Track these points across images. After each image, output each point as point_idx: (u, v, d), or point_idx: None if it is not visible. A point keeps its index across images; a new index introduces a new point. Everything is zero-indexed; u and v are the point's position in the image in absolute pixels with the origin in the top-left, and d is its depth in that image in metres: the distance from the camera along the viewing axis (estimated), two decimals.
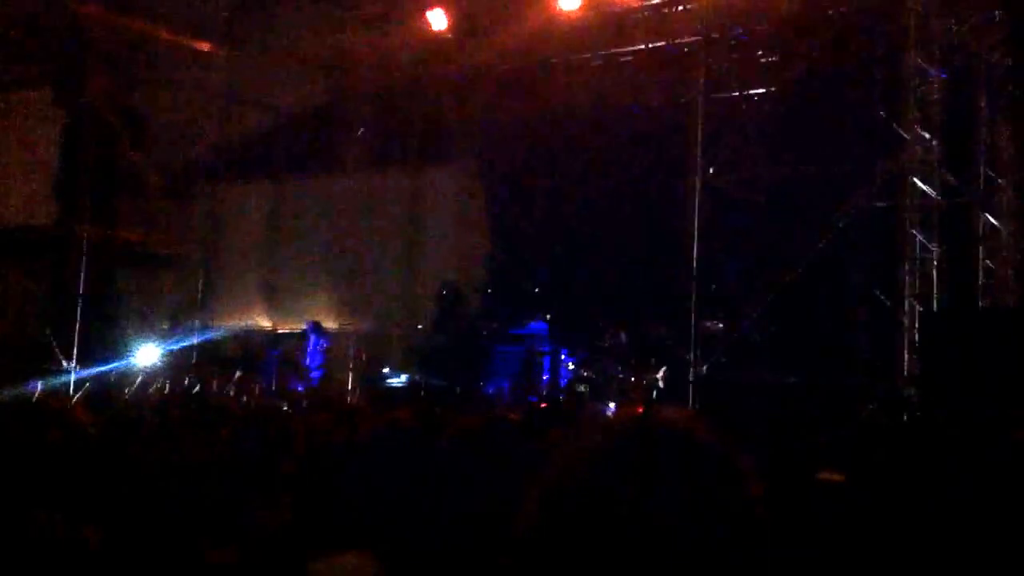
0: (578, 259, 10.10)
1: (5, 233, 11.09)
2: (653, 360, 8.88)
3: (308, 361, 10.16)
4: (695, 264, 8.61)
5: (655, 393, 8.67)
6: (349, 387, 10.27)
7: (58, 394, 7.32)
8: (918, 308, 7.72)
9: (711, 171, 8.80)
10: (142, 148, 11.07)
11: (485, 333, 9.82)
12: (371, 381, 10.07)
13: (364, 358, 10.46)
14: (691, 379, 8.52)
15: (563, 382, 9.51)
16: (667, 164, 9.44)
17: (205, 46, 11.11)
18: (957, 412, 6.03)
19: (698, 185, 8.75)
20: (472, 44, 10.28)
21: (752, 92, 9.25)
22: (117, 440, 3.62)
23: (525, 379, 9.34)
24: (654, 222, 9.62)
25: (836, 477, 3.21)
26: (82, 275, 10.32)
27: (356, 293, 11.11)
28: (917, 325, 7.60)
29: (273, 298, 11.69)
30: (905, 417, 6.98)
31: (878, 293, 8.00)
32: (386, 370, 10.29)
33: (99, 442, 2.80)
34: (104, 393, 8.21)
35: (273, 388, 9.52)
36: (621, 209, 9.82)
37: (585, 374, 9.18)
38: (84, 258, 10.38)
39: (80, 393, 7.97)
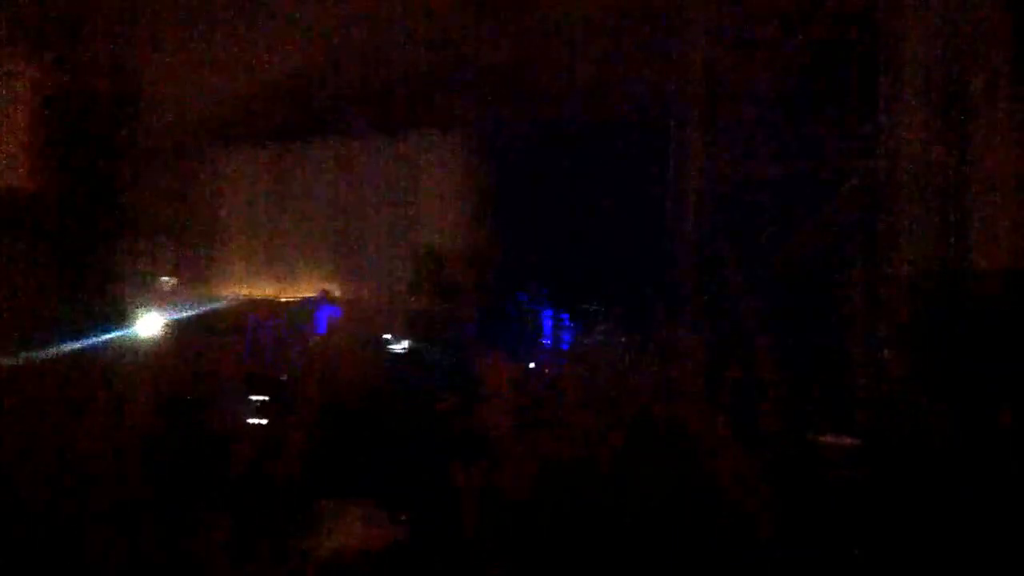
0: (576, 230, 10.17)
1: (3, 201, 11.07)
2: (648, 334, 8.96)
3: (318, 330, 10.21)
4: (690, 238, 8.68)
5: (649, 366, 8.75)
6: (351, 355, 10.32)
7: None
8: (908, 275, 7.79)
9: (709, 142, 8.84)
10: (139, 116, 11.08)
11: (480, 298, 9.88)
12: (370, 349, 10.12)
13: (364, 327, 10.52)
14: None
15: (564, 346, 9.59)
16: (665, 133, 9.47)
17: (198, 13, 11.08)
18: (948, 381, 6.14)
19: (696, 156, 8.80)
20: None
21: (751, 65, 9.25)
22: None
23: (525, 342, 9.41)
24: (650, 194, 9.67)
25: (846, 441, 3.08)
26: (81, 244, 10.35)
27: (355, 262, 11.19)
28: (908, 293, 7.68)
29: (272, 267, 11.75)
30: (895, 386, 7.09)
31: (869, 260, 8.08)
32: (388, 336, 10.36)
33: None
34: (107, 361, 8.25)
35: (271, 357, 9.57)
36: (616, 185, 9.88)
37: (583, 348, 9.28)
38: (83, 226, 10.40)
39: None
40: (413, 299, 10.63)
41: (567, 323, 9.64)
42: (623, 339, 9.00)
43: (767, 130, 8.74)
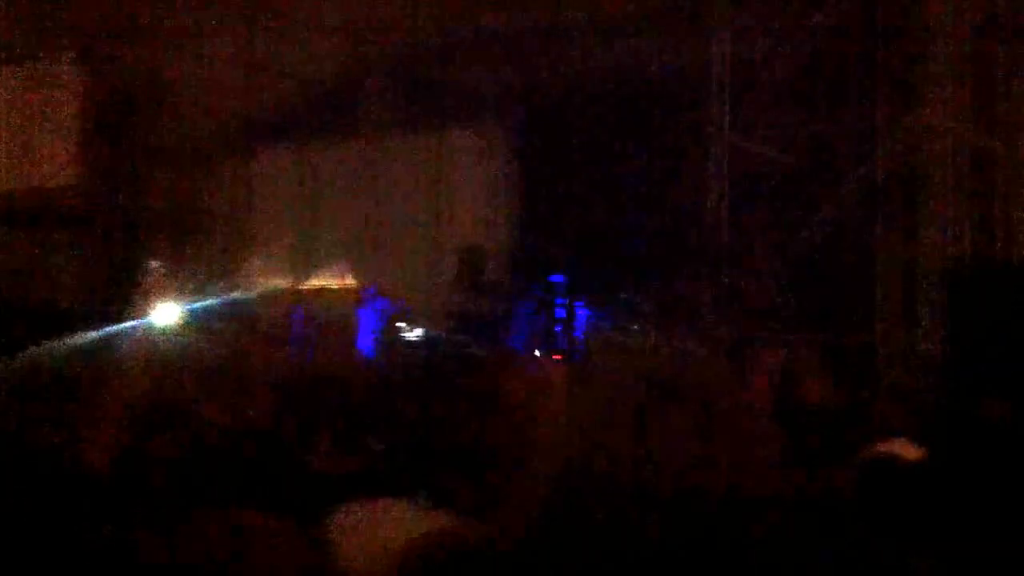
0: (601, 219, 10.12)
1: (32, 199, 11.17)
2: (672, 318, 8.91)
3: (370, 325, 10.05)
4: (717, 222, 8.61)
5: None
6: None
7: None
8: (943, 264, 7.69)
9: (735, 129, 8.75)
10: (166, 115, 11.13)
11: (507, 292, 9.83)
12: (392, 340, 10.07)
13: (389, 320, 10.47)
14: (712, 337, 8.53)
15: (578, 334, 9.52)
16: (691, 121, 9.41)
17: (226, 10, 11.09)
18: (983, 370, 6.06)
19: (721, 142, 8.72)
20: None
21: (776, 47, 9.15)
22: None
23: (545, 335, 9.35)
24: (677, 180, 9.62)
25: (911, 452, 2.52)
26: (109, 243, 10.43)
27: (380, 256, 11.19)
28: (943, 281, 7.57)
29: (299, 262, 11.76)
30: (929, 375, 7.01)
31: (900, 247, 7.99)
32: (402, 325, 10.27)
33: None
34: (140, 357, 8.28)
35: (301, 351, 9.56)
36: (644, 168, 9.82)
37: (604, 331, 9.24)
38: (111, 225, 10.48)
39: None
40: (447, 293, 10.56)
41: (590, 314, 9.58)
42: (647, 330, 8.97)
43: (793, 118, 8.66)
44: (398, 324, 10.30)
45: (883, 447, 2.36)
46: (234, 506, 2.35)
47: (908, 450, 2.29)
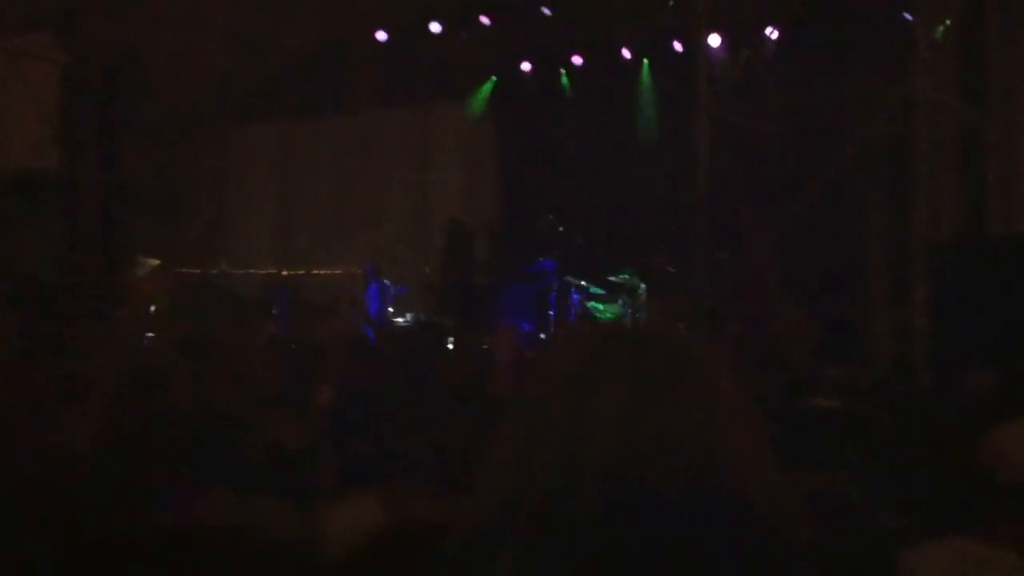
0: (588, 196, 10.09)
1: (9, 176, 11.02)
2: (660, 294, 8.91)
3: (369, 307, 9.94)
4: (702, 197, 8.56)
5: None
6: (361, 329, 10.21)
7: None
8: (929, 235, 7.66)
9: (718, 101, 8.68)
10: (146, 91, 10.97)
11: (494, 271, 9.77)
12: (379, 322, 10.04)
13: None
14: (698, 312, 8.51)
15: (572, 318, 9.51)
16: (675, 94, 9.37)
17: None
18: (967, 342, 6.07)
19: (704, 116, 8.66)
20: None
21: (759, 19, 9.09)
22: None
23: (537, 317, 9.32)
24: (664, 155, 9.59)
25: (831, 404, 3.50)
26: (88, 220, 10.31)
27: (366, 234, 11.09)
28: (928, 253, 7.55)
29: (283, 242, 11.67)
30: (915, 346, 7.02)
31: (890, 220, 7.97)
32: (391, 310, 10.23)
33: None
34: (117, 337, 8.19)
35: (288, 330, 9.49)
36: (630, 143, 9.81)
37: (594, 308, 9.23)
38: (89, 203, 10.35)
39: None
40: (433, 272, 10.46)
41: (581, 295, 9.55)
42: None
43: (785, 92, 8.62)
44: (391, 307, 10.23)
45: (814, 401, 3.54)
46: (238, 486, 2.33)
47: (826, 401, 3.56)
